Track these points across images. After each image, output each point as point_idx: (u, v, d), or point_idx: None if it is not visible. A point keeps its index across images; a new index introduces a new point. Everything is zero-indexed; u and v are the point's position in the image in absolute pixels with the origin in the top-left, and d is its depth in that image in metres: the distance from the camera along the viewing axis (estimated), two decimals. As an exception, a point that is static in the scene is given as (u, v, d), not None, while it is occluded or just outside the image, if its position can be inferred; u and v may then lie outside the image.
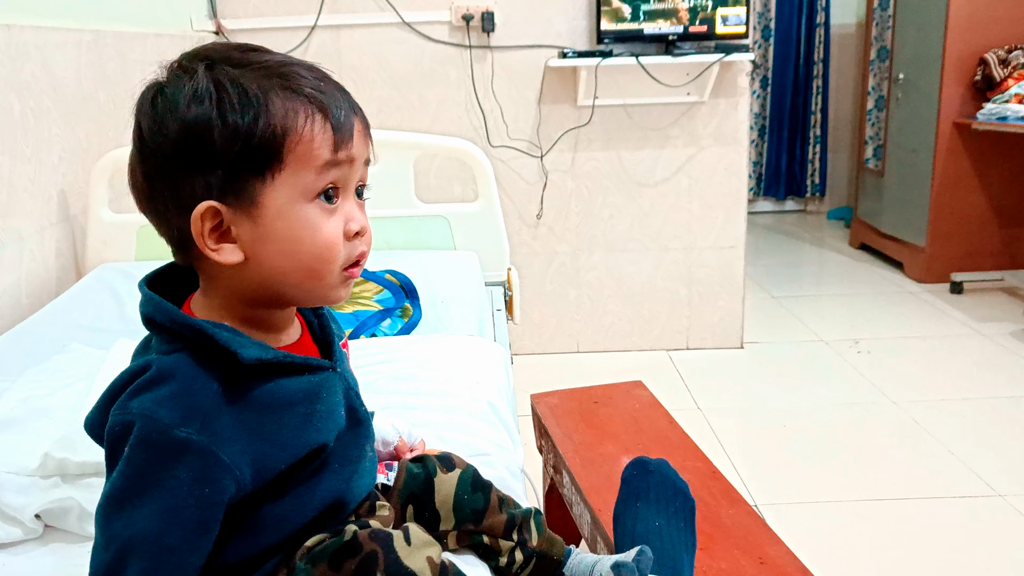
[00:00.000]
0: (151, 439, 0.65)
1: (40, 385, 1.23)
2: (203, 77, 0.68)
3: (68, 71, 1.96)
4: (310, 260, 0.71)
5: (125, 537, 0.65)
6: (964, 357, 3.07)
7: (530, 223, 3.14)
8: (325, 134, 0.70)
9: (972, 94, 3.77)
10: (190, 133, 0.67)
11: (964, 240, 3.89)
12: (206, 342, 0.69)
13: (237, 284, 0.73)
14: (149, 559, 0.65)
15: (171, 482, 0.65)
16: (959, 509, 2.09)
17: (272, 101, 0.68)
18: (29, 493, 0.97)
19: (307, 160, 0.70)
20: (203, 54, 0.70)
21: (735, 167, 3.09)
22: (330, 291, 0.75)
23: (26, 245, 1.79)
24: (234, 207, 0.69)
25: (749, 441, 2.49)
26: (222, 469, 0.67)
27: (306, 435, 0.73)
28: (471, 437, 1.15)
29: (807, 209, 5.81)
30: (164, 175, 0.69)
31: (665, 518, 1.03)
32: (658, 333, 3.25)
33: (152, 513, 0.65)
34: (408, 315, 1.67)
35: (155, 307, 0.71)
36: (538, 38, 2.97)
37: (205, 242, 0.69)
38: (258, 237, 0.70)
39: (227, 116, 0.67)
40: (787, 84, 5.51)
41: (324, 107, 0.71)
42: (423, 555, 0.74)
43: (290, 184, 0.70)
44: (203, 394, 0.68)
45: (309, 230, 0.71)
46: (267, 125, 0.68)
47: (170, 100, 0.68)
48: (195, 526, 0.66)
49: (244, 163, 0.68)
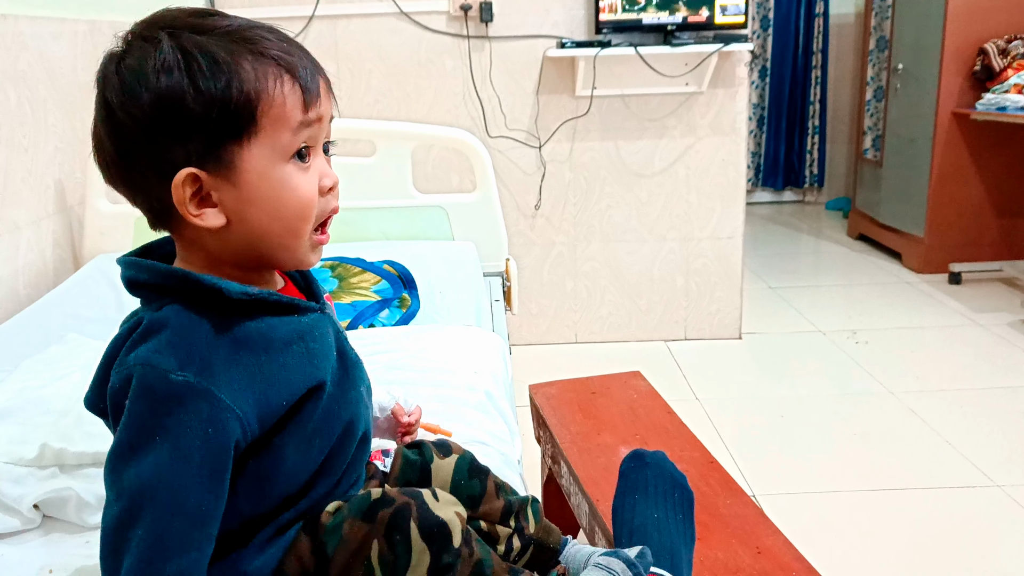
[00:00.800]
0: (150, 386, 0.66)
1: (37, 375, 1.23)
2: (168, 46, 0.68)
3: (64, 61, 1.95)
4: (292, 218, 0.73)
5: (136, 487, 0.65)
6: (962, 348, 3.07)
7: (528, 214, 3.14)
8: (295, 94, 0.72)
9: (971, 84, 3.76)
10: (163, 103, 0.68)
11: (962, 231, 3.89)
12: (192, 288, 0.71)
13: (218, 248, 0.74)
14: (163, 505, 0.65)
15: (176, 427, 0.66)
16: (956, 499, 2.09)
17: (242, 65, 0.69)
18: (27, 483, 0.98)
19: (281, 121, 0.71)
20: (162, 22, 0.71)
21: (733, 157, 3.09)
22: (302, 252, 0.76)
23: (23, 236, 1.78)
24: (213, 172, 0.70)
25: (747, 431, 2.49)
26: (225, 410, 0.68)
27: (303, 372, 0.74)
28: (468, 427, 1.15)
29: (805, 200, 5.81)
30: (139, 146, 0.69)
31: (664, 511, 1.03)
32: (656, 324, 3.26)
33: (161, 459, 0.65)
34: (406, 305, 1.67)
35: (136, 267, 0.73)
36: (536, 28, 2.96)
37: (187, 208, 0.70)
38: (240, 199, 0.71)
39: (199, 83, 0.68)
40: (786, 74, 5.50)
41: (292, 68, 0.72)
42: (451, 510, 0.77)
43: (267, 146, 0.71)
44: (197, 337, 0.69)
45: (289, 189, 0.73)
46: (240, 90, 0.69)
47: (137, 71, 0.68)
48: (206, 470, 0.67)
49: (221, 128, 0.69)
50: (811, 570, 1.21)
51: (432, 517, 0.75)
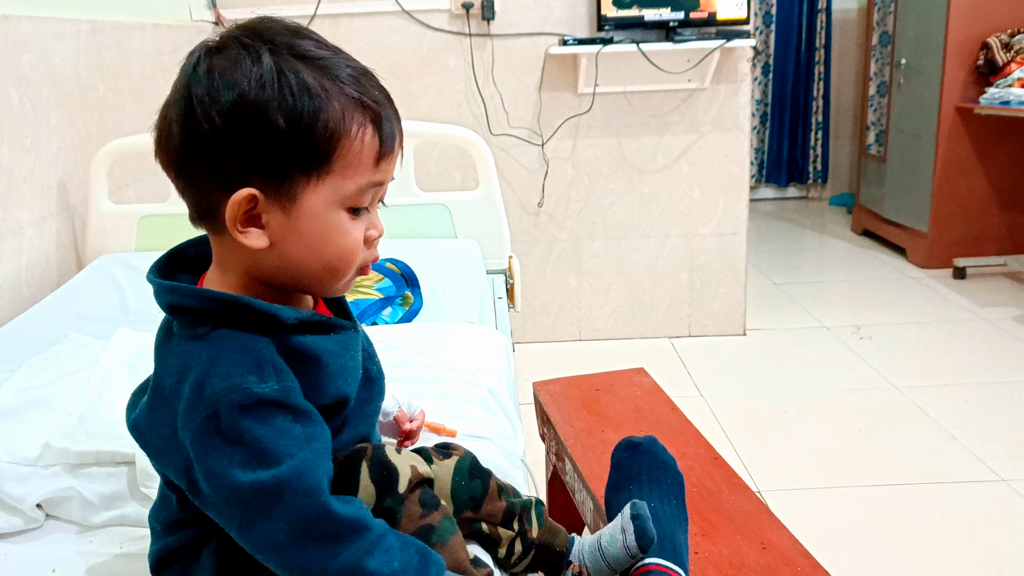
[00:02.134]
0: (241, 403, 0.67)
1: (40, 375, 1.23)
2: (269, 62, 0.68)
3: (66, 61, 1.95)
4: (332, 260, 0.73)
5: (277, 484, 0.66)
6: (967, 342, 3.06)
7: (531, 211, 3.14)
8: (373, 146, 0.72)
9: (975, 79, 3.75)
10: (247, 115, 0.67)
11: (967, 225, 3.88)
12: (241, 312, 0.71)
13: (254, 264, 0.74)
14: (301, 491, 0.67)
15: (282, 424, 0.68)
16: (962, 494, 2.09)
17: (332, 103, 0.69)
18: (30, 482, 0.98)
19: (353, 170, 0.71)
20: (265, 34, 0.70)
21: (736, 154, 3.08)
22: (340, 287, 0.77)
23: (26, 236, 1.79)
24: (271, 197, 0.70)
25: (751, 427, 2.49)
26: (306, 409, 0.71)
27: (337, 385, 0.76)
28: (471, 424, 1.15)
29: (809, 196, 5.80)
30: (208, 147, 0.69)
31: (659, 498, 1.03)
32: (660, 320, 3.25)
33: (290, 452, 0.67)
34: (409, 303, 1.67)
35: (180, 292, 0.72)
36: (538, 25, 2.96)
37: (235, 224, 0.70)
38: (288, 230, 0.71)
39: (288, 107, 0.68)
40: (788, 70, 5.49)
41: (377, 118, 0.72)
42: (408, 463, 0.78)
43: (332, 189, 0.71)
44: (261, 353, 0.70)
45: (337, 234, 0.73)
46: (324, 126, 0.69)
47: (229, 75, 0.68)
48: (310, 443, 0.69)
49: (294, 159, 0.69)
50: (816, 566, 1.21)
51: (383, 459, 0.77)
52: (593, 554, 0.96)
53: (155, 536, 0.81)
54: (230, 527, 0.69)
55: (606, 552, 0.95)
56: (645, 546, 0.94)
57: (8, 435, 1.04)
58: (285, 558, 0.67)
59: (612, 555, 0.95)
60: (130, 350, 1.29)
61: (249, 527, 0.67)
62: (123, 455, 1.01)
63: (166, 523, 0.79)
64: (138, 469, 0.98)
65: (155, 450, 0.74)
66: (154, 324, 0.77)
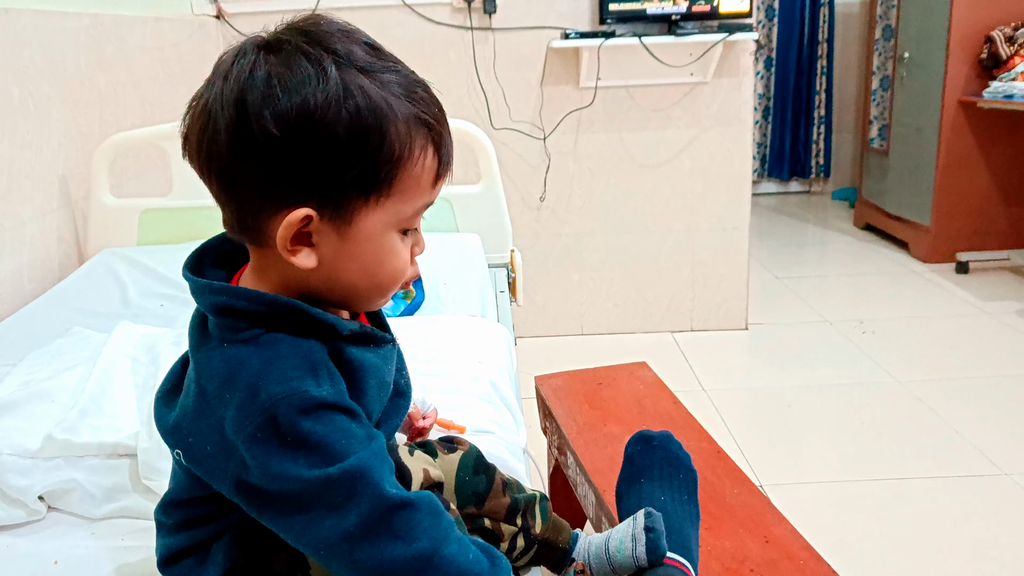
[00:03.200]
0: (300, 407, 0.64)
1: (42, 368, 1.23)
2: (335, 76, 0.64)
3: (67, 56, 1.95)
4: (382, 280, 0.72)
5: (347, 477, 0.64)
6: (970, 337, 3.06)
7: (533, 206, 3.13)
8: (432, 169, 0.70)
9: (978, 72, 3.74)
10: (311, 132, 0.64)
11: (970, 219, 3.87)
12: (297, 318, 0.68)
13: (297, 279, 0.71)
14: (369, 485, 0.65)
15: (343, 424, 0.66)
16: (964, 488, 2.08)
17: (396, 124, 0.66)
18: (32, 475, 0.98)
19: (412, 193, 0.69)
20: (325, 41, 0.66)
21: (739, 148, 3.08)
22: (381, 303, 0.76)
23: (28, 230, 1.79)
24: (326, 218, 0.67)
25: (754, 421, 2.49)
26: (359, 411, 0.69)
27: (371, 398, 0.74)
28: (472, 417, 1.15)
29: (811, 190, 5.79)
30: (261, 161, 0.65)
31: (670, 493, 1.03)
32: (662, 315, 3.25)
33: (354, 449, 0.65)
34: (411, 297, 1.67)
35: (231, 294, 0.69)
36: (540, 19, 2.95)
37: (286, 243, 0.67)
38: (341, 252, 0.69)
39: (355, 129, 0.64)
40: (791, 64, 5.47)
41: (439, 140, 0.70)
42: (420, 466, 0.78)
43: (390, 213, 0.69)
44: (316, 358, 0.68)
45: (390, 256, 0.71)
46: (389, 149, 0.66)
47: (291, 85, 0.63)
48: (383, 446, 0.68)
49: (355, 180, 0.66)
50: (818, 559, 1.21)
51: (396, 462, 0.75)
52: (599, 556, 0.96)
53: (163, 532, 0.79)
54: (290, 532, 0.66)
55: (613, 557, 0.94)
56: (655, 561, 0.93)
57: (10, 428, 1.04)
58: (357, 553, 0.65)
59: (619, 561, 0.94)
60: (131, 343, 1.29)
61: (315, 525, 0.65)
62: (125, 447, 1.01)
63: (178, 521, 0.78)
64: (140, 462, 0.98)
65: (202, 457, 0.70)
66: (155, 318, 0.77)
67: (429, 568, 0.65)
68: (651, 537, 0.93)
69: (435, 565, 0.65)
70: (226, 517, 0.74)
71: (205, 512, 0.75)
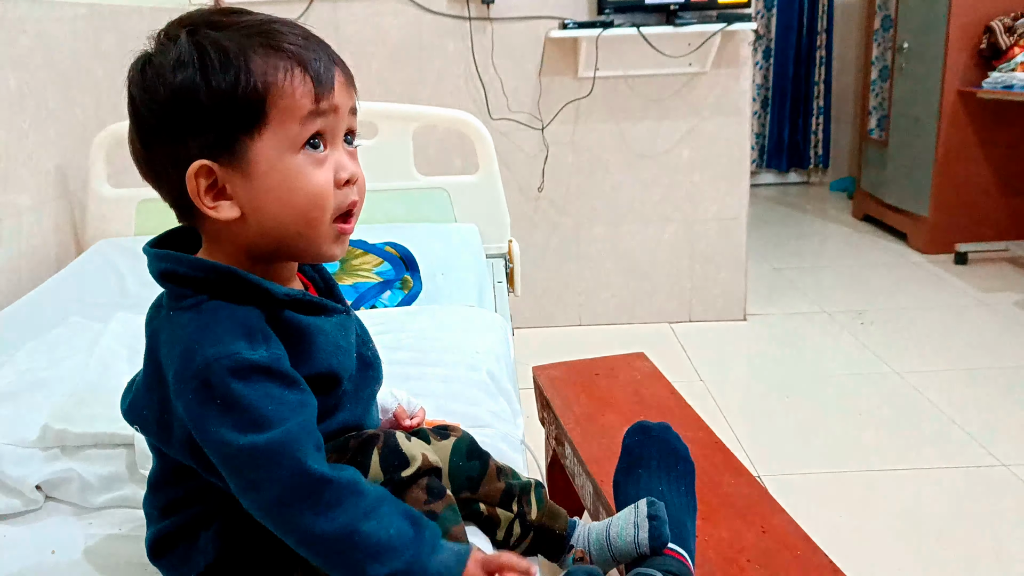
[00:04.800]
0: (234, 370, 0.68)
1: (39, 358, 1.23)
2: (185, 42, 0.71)
3: (64, 45, 1.94)
4: (304, 208, 0.74)
5: (271, 448, 0.67)
6: (968, 328, 3.06)
7: (531, 196, 3.13)
8: (305, 86, 0.73)
9: (977, 62, 3.73)
10: (178, 98, 0.70)
11: (968, 210, 3.87)
12: (234, 284, 0.73)
13: (238, 240, 0.75)
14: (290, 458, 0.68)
15: (273, 391, 0.69)
16: (962, 479, 2.09)
17: (252, 59, 0.71)
18: (29, 464, 0.98)
19: (290, 113, 0.72)
20: (186, 21, 0.73)
21: (737, 138, 3.07)
22: (324, 244, 0.77)
23: (25, 220, 1.78)
24: (226, 165, 0.72)
25: (752, 412, 2.49)
26: (295, 377, 0.72)
27: (327, 360, 0.77)
28: (470, 407, 1.15)
29: (810, 181, 5.78)
30: (159, 140, 0.72)
31: (667, 484, 1.03)
32: (660, 305, 3.25)
33: (283, 415, 0.68)
34: (408, 287, 1.67)
35: (174, 260, 0.74)
36: (538, 9, 2.94)
37: (202, 200, 0.72)
38: (252, 191, 0.73)
39: (210, 78, 0.70)
40: (790, 54, 5.46)
41: (303, 60, 0.73)
42: (419, 450, 0.80)
43: (277, 137, 0.72)
44: (252, 322, 0.72)
45: (300, 179, 0.74)
46: (248, 83, 0.70)
47: (157, 68, 0.71)
48: (299, 408, 0.71)
49: (231, 121, 0.71)
50: (816, 549, 1.21)
51: (396, 447, 0.78)
52: (599, 543, 0.96)
53: (151, 521, 0.81)
54: (235, 492, 0.70)
55: (614, 544, 0.94)
56: (658, 548, 0.93)
57: (7, 417, 1.04)
58: (282, 520, 0.69)
59: (619, 547, 0.94)
60: (128, 333, 1.29)
61: (247, 490, 0.69)
62: (122, 437, 1.01)
63: (160, 507, 0.80)
64: (137, 451, 0.98)
65: (156, 427, 0.75)
66: (153, 308, 0.77)
67: (349, 544, 0.68)
68: (654, 524, 0.93)
69: (355, 542, 0.68)
70: (204, 499, 0.76)
71: (182, 494, 0.78)
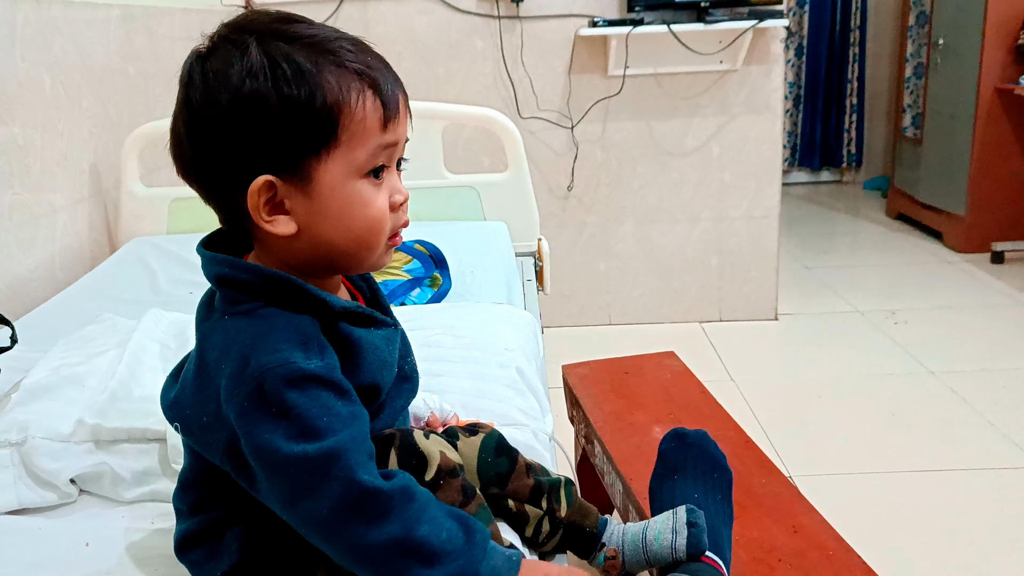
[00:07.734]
0: (287, 378, 0.67)
1: (73, 353, 1.24)
2: (256, 51, 0.69)
3: (97, 46, 1.97)
4: (361, 233, 0.74)
5: (323, 459, 0.66)
6: (1004, 327, 3.01)
7: (559, 195, 3.12)
8: (376, 111, 0.72)
9: (1014, 58, 3.66)
10: (246, 108, 0.68)
11: (1005, 208, 3.80)
12: (292, 293, 0.72)
13: (289, 252, 0.75)
14: (346, 466, 0.67)
15: (327, 400, 0.69)
16: (997, 481, 2.05)
17: (326, 77, 0.70)
18: (63, 458, 0.99)
19: (360, 138, 0.72)
20: (249, 27, 0.71)
21: (768, 136, 3.04)
22: (376, 259, 0.78)
23: (60, 219, 1.81)
24: (288, 181, 0.71)
25: (783, 412, 2.47)
26: (348, 388, 0.72)
27: (372, 374, 0.77)
28: (499, 404, 1.15)
29: (843, 180, 5.71)
30: (218, 148, 0.70)
31: (703, 491, 1.01)
32: (690, 305, 3.23)
33: (334, 428, 0.68)
34: (438, 285, 1.67)
35: (232, 265, 0.74)
36: (567, 7, 2.94)
37: (260, 214, 0.71)
38: (312, 211, 0.72)
39: (283, 92, 0.68)
40: (822, 52, 5.40)
41: (375, 83, 0.72)
42: (437, 448, 0.79)
43: (345, 160, 0.72)
44: (307, 331, 0.71)
45: (361, 206, 0.73)
46: (322, 101, 0.69)
47: (222, 73, 0.69)
48: (365, 429, 0.71)
49: (300, 139, 0.70)
50: (848, 549, 1.19)
51: (413, 446, 0.78)
52: (635, 544, 0.95)
53: (180, 518, 0.81)
54: (275, 504, 0.69)
55: (650, 547, 0.94)
56: (695, 556, 0.93)
57: (42, 412, 1.05)
58: (331, 534, 0.67)
59: (655, 551, 0.93)
60: (160, 329, 1.30)
61: (294, 503, 0.68)
62: (154, 432, 1.02)
63: (189, 504, 0.80)
64: (169, 446, 0.99)
65: (198, 428, 0.74)
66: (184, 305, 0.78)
67: (402, 551, 0.67)
68: (693, 532, 0.93)
69: (408, 548, 0.67)
70: (234, 500, 0.76)
71: (212, 494, 0.77)
